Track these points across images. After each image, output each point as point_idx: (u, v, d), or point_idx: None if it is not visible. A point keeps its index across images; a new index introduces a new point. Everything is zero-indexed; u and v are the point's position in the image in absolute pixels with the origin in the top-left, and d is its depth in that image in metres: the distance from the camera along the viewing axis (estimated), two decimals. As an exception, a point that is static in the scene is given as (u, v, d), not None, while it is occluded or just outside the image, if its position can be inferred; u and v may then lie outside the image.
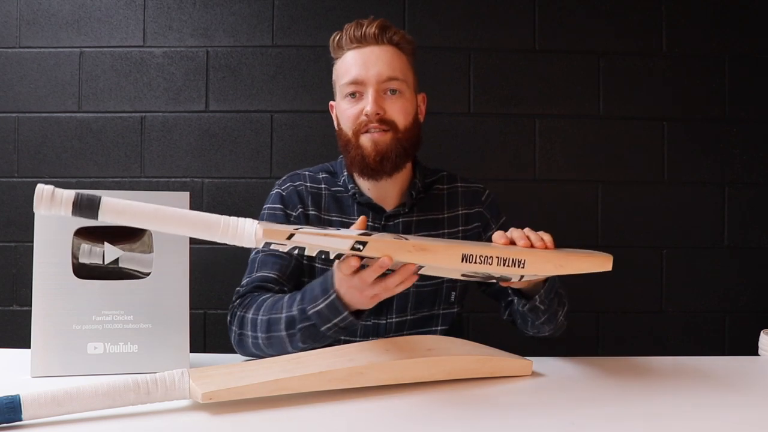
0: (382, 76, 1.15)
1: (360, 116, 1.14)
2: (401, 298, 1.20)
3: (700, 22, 1.89)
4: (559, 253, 0.95)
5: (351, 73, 1.16)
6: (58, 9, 1.85)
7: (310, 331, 1.00)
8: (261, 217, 1.23)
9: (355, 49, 1.17)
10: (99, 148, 1.85)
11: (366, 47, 1.17)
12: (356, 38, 1.17)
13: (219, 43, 1.86)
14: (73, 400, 0.74)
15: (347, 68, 1.17)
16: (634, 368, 1.05)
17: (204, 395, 0.77)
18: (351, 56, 1.17)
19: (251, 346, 1.08)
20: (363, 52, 1.17)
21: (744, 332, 1.24)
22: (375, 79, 1.14)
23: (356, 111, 1.15)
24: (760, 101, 1.89)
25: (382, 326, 1.20)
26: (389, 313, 1.20)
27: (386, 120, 1.15)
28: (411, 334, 1.19)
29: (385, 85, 1.15)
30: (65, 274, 0.95)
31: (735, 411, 0.83)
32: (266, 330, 1.05)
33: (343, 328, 0.99)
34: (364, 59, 1.16)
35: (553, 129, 1.88)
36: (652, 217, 1.88)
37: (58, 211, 0.76)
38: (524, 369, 0.99)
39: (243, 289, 1.16)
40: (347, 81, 1.16)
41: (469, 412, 0.81)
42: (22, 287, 1.85)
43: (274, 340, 1.04)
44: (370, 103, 1.13)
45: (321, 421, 0.77)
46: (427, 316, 1.23)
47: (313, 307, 0.99)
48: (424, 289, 1.21)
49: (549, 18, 1.88)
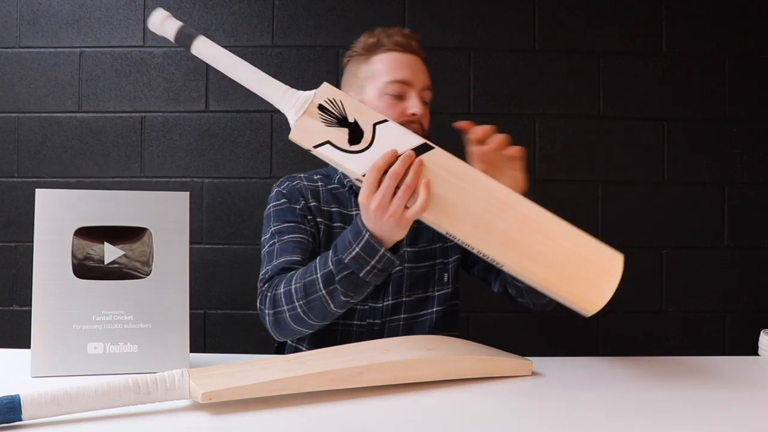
0: (425, 84, 1.23)
1: (402, 116, 1.19)
2: (396, 280, 1.23)
3: (700, 22, 1.89)
4: None
5: (400, 73, 1.20)
6: (58, 9, 1.85)
7: (350, 280, 1.01)
8: (267, 218, 1.24)
9: (401, 53, 1.22)
10: (99, 148, 1.85)
11: (411, 55, 1.23)
12: (401, 44, 1.23)
13: (219, 43, 1.84)
14: (73, 400, 0.74)
15: (393, 67, 1.21)
16: (634, 368, 1.05)
17: (204, 395, 0.77)
18: (396, 57, 1.22)
19: (291, 321, 1.08)
20: (409, 58, 1.23)
21: (744, 332, 1.24)
22: (420, 85, 1.21)
23: (399, 109, 1.19)
24: (760, 101, 1.89)
25: (379, 309, 1.22)
26: (385, 296, 1.22)
27: (422, 124, 1.21)
28: (408, 318, 1.23)
29: (424, 93, 1.23)
30: (65, 274, 0.95)
31: (735, 411, 0.83)
32: (304, 295, 1.05)
33: (381, 269, 1.00)
34: (412, 65, 1.22)
35: (553, 129, 1.88)
36: (652, 217, 1.88)
37: (165, 32, 0.97)
38: (524, 369, 0.99)
39: (268, 274, 1.16)
40: (394, 79, 1.20)
41: (469, 412, 0.81)
42: (22, 287, 1.85)
43: (314, 303, 1.04)
44: (418, 105, 1.19)
45: (321, 421, 0.77)
46: (422, 298, 1.25)
47: (349, 254, 1.00)
48: (417, 271, 1.24)
49: (549, 18, 1.88)
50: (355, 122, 0.93)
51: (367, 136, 0.92)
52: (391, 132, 0.93)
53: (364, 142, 0.92)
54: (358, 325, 1.21)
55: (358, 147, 0.92)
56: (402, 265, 1.23)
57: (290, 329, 1.10)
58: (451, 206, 0.91)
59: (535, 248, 0.90)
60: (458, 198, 0.91)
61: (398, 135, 0.93)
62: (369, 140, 0.92)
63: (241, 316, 1.84)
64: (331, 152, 0.92)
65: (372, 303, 1.21)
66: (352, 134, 0.93)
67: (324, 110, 0.93)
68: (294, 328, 1.09)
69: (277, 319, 1.10)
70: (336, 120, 0.93)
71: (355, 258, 0.99)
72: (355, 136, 0.93)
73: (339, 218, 1.24)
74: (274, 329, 1.12)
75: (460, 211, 0.91)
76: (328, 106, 0.94)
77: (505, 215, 0.90)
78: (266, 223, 1.24)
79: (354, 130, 0.93)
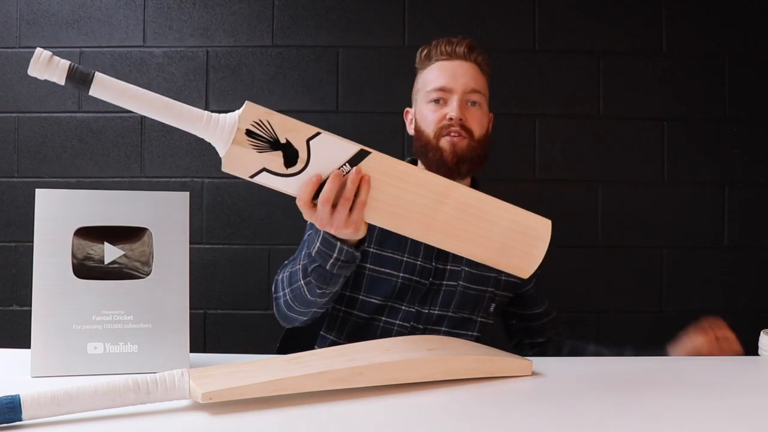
0: (467, 87, 1.26)
1: (442, 120, 1.24)
2: (447, 293, 1.26)
3: (700, 22, 1.89)
4: None
5: (439, 81, 1.26)
6: (58, 9, 1.85)
7: (319, 272, 1.03)
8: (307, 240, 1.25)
9: (445, 61, 1.27)
10: (99, 148, 1.85)
11: (455, 61, 1.27)
12: (446, 52, 1.27)
13: (219, 43, 1.86)
14: (73, 400, 0.74)
15: (435, 77, 1.27)
16: (634, 368, 1.05)
17: (204, 395, 0.77)
18: (439, 66, 1.27)
19: (283, 307, 1.15)
20: (452, 64, 1.27)
21: (744, 332, 1.24)
22: (461, 88, 1.25)
23: (439, 115, 1.24)
24: (760, 101, 1.89)
25: (424, 315, 1.25)
26: (433, 305, 1.25)
27: (465, 127, 1.24)
28: (448, 333, 1.26)
29: (468, 96, 1.26)
30: (65, 274, 0.95)
31: (735, 411, 0.83)
32: (289, 284, 1.11)
33: (345, 261, 1.01)
34: (453, 71, 1.26)
35: (553, 129, 1.88)
36: (652, 217, 1.88)
37: (52, 75, 0.81)
38: (524, 369, 0.99)
39: (287, 261, 1.21)
40: (434, 87, 1.26)
41: (469, 412, 0.81)
42: (22, 287, 1.85)
43: (296, 292, 1.10)
44: (455, 108, 1.23)
45: (321, 421, 0.77)
46: (467, 318, 1.28)
47: (315, 248, 1.02)
48: (469, 291, 1.27)
49: (549, 18, 1.88)
50: (288, 142, 0.87)
51: (302, 156, 0.88)
52: (325, 145, 0.89)
53: (300, 163, 0.88)
54: (400, 325, 1.24)
55: (295, 169, 0.88)
56: (457, 282, 1.26)
57: (287, 315, 1.16)
58: (394, 207, 0.92)
59: (472, 232, 0.95)
60: (400, 198, 0.92)
61: (333, 147, 0.89)
62: (305, 159, 0.88)
63: (241, 316, 1.84)
64: (268, 179, 0.88)
65: (419, 307, 1.25)
66: (287, 156, 0.88)
67: (253, 135, 0.86)
68: (287, 314, 1.15)
69: (277, 305, 1.17)
70: (267, 143, 0.87)
71: (319, 252, 1.02)
72: (290, 158, 0.88)
73: None
74: (277, 313, 1.19)
75: (403, 210, 0.93)
76: (256, 130, 0.87)
77: (445, 207, 0.93)
78: None
79: (288, 151, 0.88)
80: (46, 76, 0.82)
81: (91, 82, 0.82)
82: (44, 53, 0.81)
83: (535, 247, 0.98)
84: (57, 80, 0.82)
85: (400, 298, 1.25)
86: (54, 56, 0.82)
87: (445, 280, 1.26)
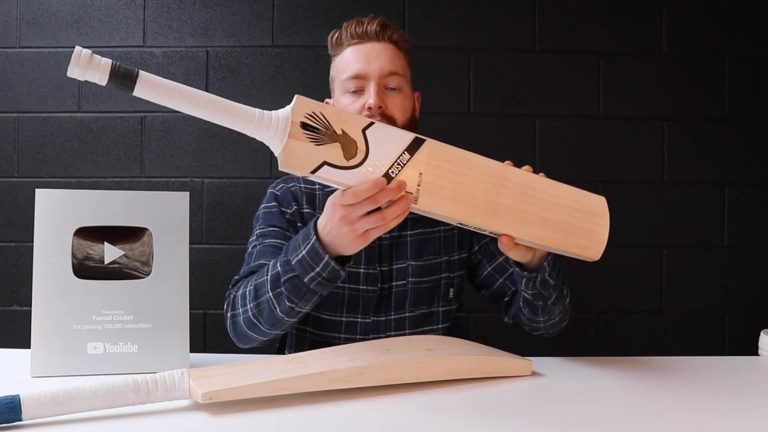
0: (384, 71, 1.15)
1: (362, 112, 1.13)
2: (399, 295, 1.20)
3: (700, 22, 1.89)
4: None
5: (352, 67, 1.16)
6: (58, 9, 1.85)
7: (294, 283, 0.96)
8: (256, 219, 1.24)
9: (356, 45, 1.17)
10: (99, 148, 1.85)
11: (367, 43, 1.17)
12: (357, 35, 1.17)
13: (219, 43, 1.86)
14: (73, 400, 0.74)
15: (348, 63, 1.17)
16: (634, 368, 1.05)
17: (204, 395, 0.77)
18: (352, 52, 1.17)
19: (243, 325, 1.05)
20: (364, 47, 1.17)
21: (744, 332, 1.24)
22: (377, 73, 1.14)
23: (358, 106, 1.14)
24: (760, 101, 1.89)
25: (382, 323, 1.19)
26: (388, 311, 1.19)
27: (387, 115, 1.14)
28: (413, 333, 1.19)
29: (386, 80, 1.15)
30: (65, 274, 0.95)
31: (735, 411, 0.83)
32: (254, 297, 1.01)
33: (327, 279, 0.95)
34: (366, 54, 1.16)
35: (553, 129, 1.88)
36: (652, 217, 1.88)
37: (93, 75, 0.75)
38: (524, 369, 0.99)
39: (238, 277, 1.15)
40: (349, 75, 1.15)
41: (469, 412, 0.81)
42: (22, 287, 1.85)
43: (262, 307, 1.00)
44: (373, 96, 1.13)
45: (321, 421, 0.77)
46: (427, 313, 1.22)
47: (296, 256, 0.96)
48: (422, 285, 1.21)
49: (549, 18, 1.88)
50: (344, 133, 0.85)
51: (360, 146, 0.85)
52: (381, 134, 0.87)
53: (360, 154, 0.85)
54: (361, 338, 1.17)
55: (355, 161, 0.85)
56: (406, 279, 1.20)
57: (246, 335, 1.06)
58: (459, 195, 0.89)
59: (537, 215, 0.92)
60: (461, 185, 0.89)
61: (389, 136, 0.87)
62: (364, 150, 0.86)
63: (241, 316, 1.84)
64: (331, 173, 0.84)
65: (375, 317, 1.19)
66: (345, 147, 0.85)
67: (308, 128, 0.83)
68: (249, 333, 1.05)
69: (234, 323, 1.07)
70: (325, 136, 0.84)
71: (300, 261, 0.95)
72: (348, 149, 0.85)
73: None
74: (233, 333, 1.09)
75: (465, 198, 0.90)
76: (311, 123, 0.83)
77: (505, 190, 0.90)
78: (254, 224, 1.23)
79: (346, 142, 0.85)
80: (87, 76, 0.76)
81: (136, 81, 0.76)
82: (84, 52, 0.75)
83: (599, 225, 0.95)
84: (99, 80, 0.76)
85: (353, 311, 1.18)
86: (95, 54, 0.76)
87: (394, 281, 1.20)
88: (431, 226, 1.24)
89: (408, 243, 1.22)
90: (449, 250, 1.24)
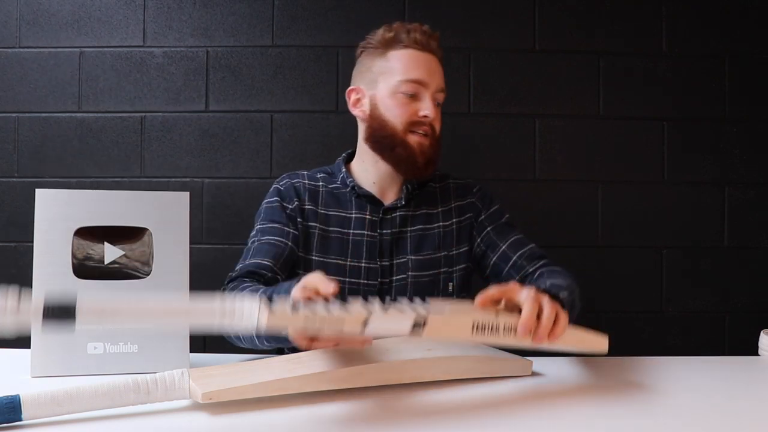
0: (439, 86, 1.22)
1: (413, 116, 1.19)
2: (400, 289, 1.22)
3: (700, 22, 1.89)
4: None
5: (416, 72, 1.19)
6: (58, 9, 1.85)
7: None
8: (258, 214, 1.25)
9: (418, 51, 1.21)
10: (99, 148, 1.85)
11: (428, 54, 1.22)
12: (420, 42, 1.21)
13: (219, 43, 1.86)
14: (73, 400, 0.74)
15: (409, 66, 1.19)
16: (634, 368, 1.05)
17: (204, 395, 0.77)
18: (413, 55, 1.20)
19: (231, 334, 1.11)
20: (426, 57, 1.21)
21: (744, 332, 1.24)
22: (435, 87, 1.21)
23: (411, 110, 1.19)
24: (760, 101, 1.89)
25: None
26: None
27: (433, 127, 1.21)
28: None
29: (438, 95, 1.22)
30: (65, 274, 0.95)
31: (735, 411, 0.83)
32: None
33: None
34: (428, 65, 1.21)
35: (553, 129, 1.88)
36: (652, 217, 1.88)
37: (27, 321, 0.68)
38: (524, 369, 0.99)
39: (235, 274, 1.16)
40: (409, 78, 1.19)
41: (469, 412, 0.81)
42: (22, 287, 1.85)
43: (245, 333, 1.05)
44: (431, 108, 1.19)
45: (321, 421, 0.77)
46: None
47: None
48: (422, 279, 1.23)
49: (549, 18, 1.88)
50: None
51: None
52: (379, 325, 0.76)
53: None
54: None
55: None
56: (406, 273, 1.23)
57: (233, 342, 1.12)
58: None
59: None
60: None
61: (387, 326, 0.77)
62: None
63: (241, 316, 1.84)
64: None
65: None
66: None
67: None
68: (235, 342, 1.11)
69: None
70: None
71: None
72: None
73: (336, 222, 1.24)
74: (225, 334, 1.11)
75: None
76: None
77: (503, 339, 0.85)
78: (256, 219, 1.26)
79: None
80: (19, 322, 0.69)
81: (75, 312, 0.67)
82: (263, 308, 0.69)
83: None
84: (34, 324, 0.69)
85: None
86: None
87: (394, 275, 1.22)
88: (431, 222, 1.28)
89: (408, 238, 1.25)
90: (448, 245, 1.27)
